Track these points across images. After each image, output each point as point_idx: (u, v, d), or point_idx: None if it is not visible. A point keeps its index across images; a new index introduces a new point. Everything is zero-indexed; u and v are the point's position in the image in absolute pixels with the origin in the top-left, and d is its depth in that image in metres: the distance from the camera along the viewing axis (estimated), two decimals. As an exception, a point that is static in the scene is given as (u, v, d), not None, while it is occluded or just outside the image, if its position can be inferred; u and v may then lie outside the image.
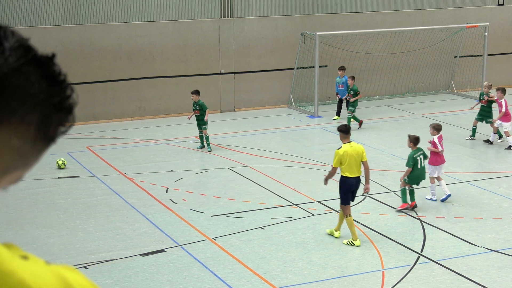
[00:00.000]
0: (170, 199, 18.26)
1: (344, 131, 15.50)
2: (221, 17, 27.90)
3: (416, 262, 14.57)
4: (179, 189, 19.02)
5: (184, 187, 19.19)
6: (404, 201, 17.43)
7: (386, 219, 16.88)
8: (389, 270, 14.25)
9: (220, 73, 28.00)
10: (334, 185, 19.16)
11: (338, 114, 26.55)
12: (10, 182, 1.79)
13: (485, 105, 23.56)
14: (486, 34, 30.03)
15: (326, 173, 16.52)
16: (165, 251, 15.17)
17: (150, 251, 15.16)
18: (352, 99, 25.10)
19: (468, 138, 23.69)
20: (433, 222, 16.67)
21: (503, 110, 22.36)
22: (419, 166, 17.34)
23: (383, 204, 17.89)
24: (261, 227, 16.43)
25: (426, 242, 15.55)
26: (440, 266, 14.40)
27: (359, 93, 25.26)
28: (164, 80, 27.24)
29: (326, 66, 28.89)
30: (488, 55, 30.40)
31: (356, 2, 29.75)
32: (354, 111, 25.16)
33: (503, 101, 22.54)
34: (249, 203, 18.00)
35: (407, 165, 17.39)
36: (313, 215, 17.18)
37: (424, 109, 27.97)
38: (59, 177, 20.10)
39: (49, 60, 1.77)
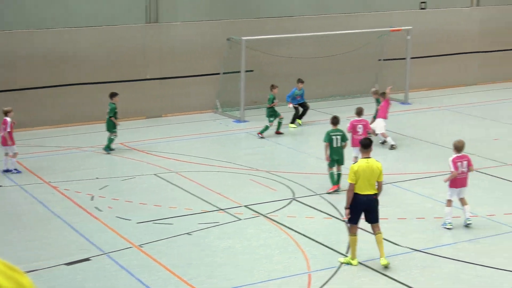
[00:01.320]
0: (96, 207, 18.09)
1: (364, 145, 14.78)
2: (146, 23, 27.77)
3: (341, 264, 14.71)
4: (104, 197, 18.86)
5: (110, 195, 19.04)
6: (333, 183, 18.91)
7: (312, 222, 17.01)
8: (315, 272, 14.36)
9: (146, 79, 27.86)
10: (260, 189, 19.27)
11: (295, 120, 26.57)
12: None
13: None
14: (409, 37, 30.50)
15: (252, 177, 16.60)
16: (90, 259, 15.02)
17: (76, 260, 14.99)
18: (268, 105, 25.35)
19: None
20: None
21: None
22: (334, 145, 18.89)
23: (309, 207, 18.02)
24: (188, 233, 16.39)
25: (351, 244, 15.71)
26: (365, 267, 14.57)
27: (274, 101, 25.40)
28: (90, 86, 26.97)
29: (252, 70, 28.97)
30: (411, 58, 30.88)
31: (282, 7, 29.91)
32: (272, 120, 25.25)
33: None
34: (176, 209, 17.95)
35: (323, 140, 19.15)
36: (240, 219, 17.21)
37: (349, 112, 28.22)
38: (-19, 187, 19.75)
39: None
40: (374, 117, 24.84)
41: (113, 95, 23.47)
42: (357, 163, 14.74)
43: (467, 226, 16.49)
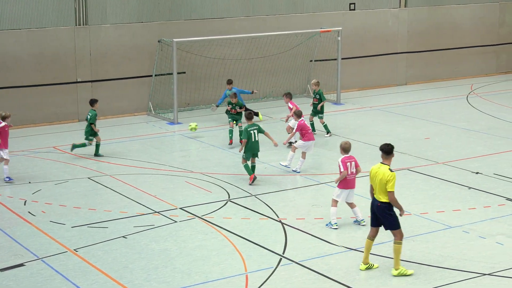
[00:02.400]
0: (29, 212, 17.84)
1: (385, 151, 14.57)
2: (76, 25, 27.47)
3: (278, 264, 14.78)
4: (38, 201, 18.62)
5: (43, 199, 18.80)
6: (250, 173, 19.84)
7: (248, 223, 17.05)
8: (252, 273, 14.39)
9: (77, 82, 27.57)
10: (195, 191, 19.25)
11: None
12: None
13: (316, 102, 25.40)
14: (339, 38, 30.80)
15: (186, 179, 16.57)
16: (24, 265, 14.81)
17: (9, 265, 14.75)
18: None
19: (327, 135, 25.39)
20: (294, 223, 16.95)
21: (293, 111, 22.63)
22: (253, 139, 19.74)
23: (245, 208, 18.06)
24: (123, 236, 16.28)
25: (287, 244, 15.80)
26: (301, 267, 14.67)
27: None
28: (19, 90, 26.59)
29: (184, 72, 28.93)
30: (342, 59, 31.19)
31: (212, 9, 29.91)
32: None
33: (289, 104, 23.96)
34: (111, 212, 17.81)
35: (242, 137, 19.91)
36: (175, 221, 17.16)
37: (281, 113, 28.37)
38: None
39: None
40: (321, 112, 25.16)
41: (93, 101, 23.04)
42: (374, 166, 14.54)
43: (360, 224, 16.91)
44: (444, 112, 28.83)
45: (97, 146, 22.82)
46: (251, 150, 19.87)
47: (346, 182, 16.75)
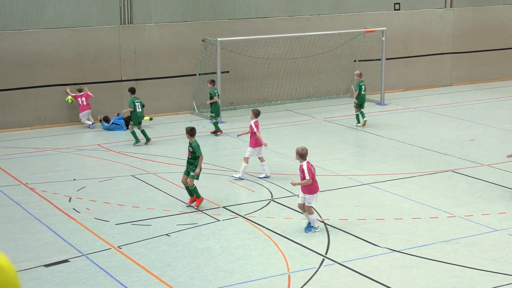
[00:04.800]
0: (74, 208, 18.01)
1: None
2: (121, 24, 27.67)
3: (321, 265, 14.73)
4: (82, 198, 18.78)
5: (88, 196, 18.95)
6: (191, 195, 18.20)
7: (291, 223, 17.02)
8: (295, 273, 14.37)
9: (121, 80, 27.77)
10: (238, 191, 19.26)
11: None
12: None
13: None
14: (383, 38, 30.65)
15: (230, 179, 16.58)
16: (69, 261, 14.94)
17: (54, 261, 14.90)
18: (208, 102, 25.81)
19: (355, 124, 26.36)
20: (337, 224, 16.89)
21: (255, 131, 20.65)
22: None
23: (287, 207, 18.04)
24: (166, 234, 16.35)
25: (330, 245, 15.75)
26: (344, 267, 14.60)
27: (214, 96, 25.63)
28: (63, 88, 26.83)
29: (228, 72, 28.99)
30: (386, 59, 31.03)
31: (256, 8, 29.94)
32: (214, 116, 25.58)
33: (252, 123, 20.58)
34: (154, 210, 17.90)
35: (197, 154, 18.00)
36: (218, 220, 17.20)
37: (325, 113, 28.35)
38: (-43, 189, 19.59)
39: None
40: (360, 105, 25.50)
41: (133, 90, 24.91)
42: None
43: (309, 230, 16.37)
44: (489, 114, 28.55)
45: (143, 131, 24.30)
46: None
47: (315, 187, 16.39)
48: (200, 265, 14.76)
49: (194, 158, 18.01)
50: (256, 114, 20.75)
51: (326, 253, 15.27)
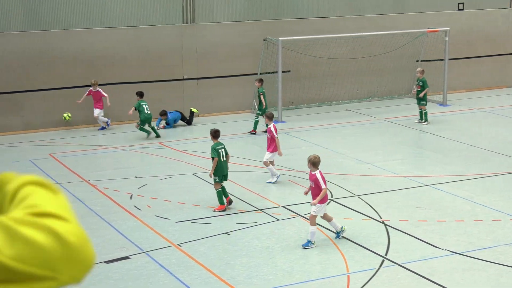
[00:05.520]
0: (135, 206, 18.18)
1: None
2: (183, 23, 27.86)
3: (380, 266, 14.64)
4: (143, 196, 18.95)
5: (148, 194, 19.12)
6: (221, 203, 17.73)
7: (351, 223, 16.93)
8: (354, 274, 14.30)
9: (183, 79, 27.95)
10: (298, 190, 19.23)
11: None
12: None
13: (419, 90, 26.47)
14: (446, 38, 30.31)
15: (289, 178, 16.56)
16: (129, 258, 15.09)
17: (115, 258, 15.07)
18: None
19: (416, 121, 26.47)
20: (397, 225, 16.76)
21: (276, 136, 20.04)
22: (222, 159, 17.70)
23: (347, 208, 17.96)
24: (225, 233, 16.41)
25: (390, 246, 15.64)
26: (404, 269, 14.49)
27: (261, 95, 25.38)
28: (126, 86, 27.12)
29: (289, 71, 28.98)
30: (449, 59, 30.68)
31: (318, 8, 29.86)
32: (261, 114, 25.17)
33: (272, 128, 20.16)
34: (214, 208, 17.96)
35: (212, 155, 17.79)
36: (278, 220, 17.20)
37: (386, 113, 28.16)
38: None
39: None
40: (423, 99, 25.55)
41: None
42: None
43: (339, 237, 15.89)
44: (554, 115, 28.04)
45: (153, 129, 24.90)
46: (221, 171, 17.80)
47: (325, 196, 15.76)
48: (259, 264, 14.78)
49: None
50: (271, 117, 20.32)
51: (386, 254, 15.17)
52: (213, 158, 17.74)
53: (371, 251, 15.36)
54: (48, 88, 25.97)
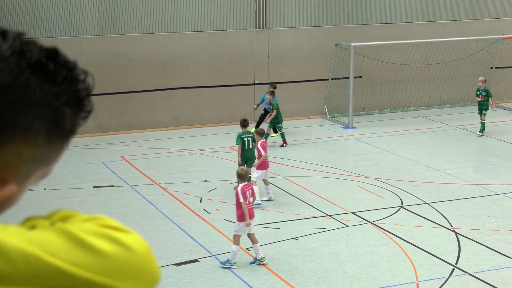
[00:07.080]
0: (204, 209, 18.30)
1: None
2: (256, 28, 27.97)
3: (450, 275, 14.47)
4: (213, 199, 19.07)
5: (218, 197, 19.23)
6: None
7: (421, 231, 16.78)
8: (423, 282, 14.16)
9: (254, 84, 28.05)
10: (367, 196, 19.13)
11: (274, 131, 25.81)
12: (38, 180, 1.68)
13: (482, 99, 25.68)
14: (522, 45, 29.81)
15: (359, 184, 16.50)
16: (198, 261, 15.20)
17: (184, 261, 15.19)
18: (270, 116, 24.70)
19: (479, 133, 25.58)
20: (468, 234, 16.54)
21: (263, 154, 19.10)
22: (246, 147, 18.99)
23: (418, 215, 17.79)
24: (294, 238, 16.41)
25: (461, 254, 15.44)
26: (475, 278, 14.29)
27: (274, 109, 24.68)
28: (198, 90, 27.34)
29: (360, 77, 28.84)
30: (525, 66, 30.17)
31: (391, 13, 29.66)
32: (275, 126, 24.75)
33: (259, 145, 19.17)
34: (283, 213, 17.99)
35: (236, 143, 19.22)
36: (347, 226, 17.13)
37: (459, 121, 27.80)
38: (94, 186, 20.23)
39: (49, 57, 1.60)
40: (486, 109, 25.02)
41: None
42: None
43: (254, 263, 15.04)
44: None
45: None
46: (244, 158, 18.90)
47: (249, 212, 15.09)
48: (328, 270, 14.74)
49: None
50: (262, 134, 19.59)
51: (456, 263, 14.98)
52: (238, 145, 19.02)
53: (441, 259, 15.19)
54: (122, 92, 26.31)
